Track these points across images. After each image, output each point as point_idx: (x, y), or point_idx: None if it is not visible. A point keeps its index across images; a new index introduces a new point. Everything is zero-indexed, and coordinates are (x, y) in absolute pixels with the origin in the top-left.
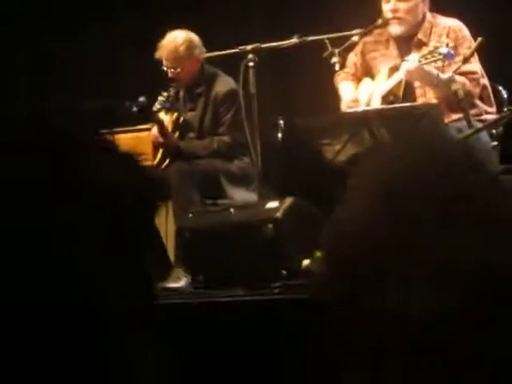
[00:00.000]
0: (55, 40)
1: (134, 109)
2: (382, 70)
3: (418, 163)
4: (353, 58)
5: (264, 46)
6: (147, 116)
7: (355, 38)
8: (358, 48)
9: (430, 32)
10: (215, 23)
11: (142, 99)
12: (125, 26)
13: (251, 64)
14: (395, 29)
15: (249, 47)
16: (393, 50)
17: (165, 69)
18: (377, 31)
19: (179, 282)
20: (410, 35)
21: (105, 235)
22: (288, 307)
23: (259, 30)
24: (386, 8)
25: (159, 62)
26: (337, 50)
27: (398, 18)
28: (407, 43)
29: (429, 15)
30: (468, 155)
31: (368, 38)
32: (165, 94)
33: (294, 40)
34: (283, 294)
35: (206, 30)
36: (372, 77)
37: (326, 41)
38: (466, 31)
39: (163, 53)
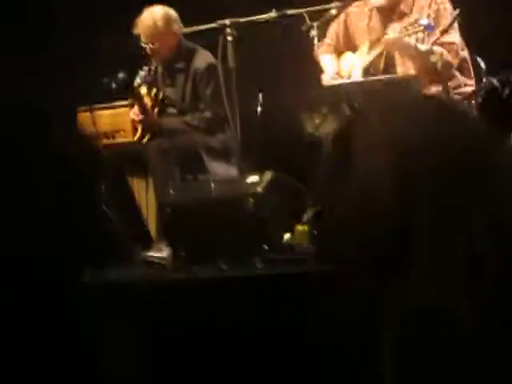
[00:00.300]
0: (35, 14)
1: (114, 85)
2: (364, 42)
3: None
4: (335, 27)
5: (242, 20)
6: (126, 92)
7: (333, 12)
8: (341, 18)
9: (413, 3)
10: None
11: (121, 75)
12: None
13: (230, 38)
14: (378, 0)
15: (227, 21)
16: (376, 21)
17: (143, 45)
18: (360, 2)
19: (161, 252)
20: (392, 7)
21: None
22: (270, 282)
23: (237, 3)
24: None
25: (137, 38)
26: (315, 24)
27: None
28: (390, 15)
29: None
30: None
31: (352, 9)
32: (146, 68)
33: (273, 14)
34: (265, 269)
35: (184, 4)
36: (354, 48)
37: (305, 14)
38: (447, 3)
39: (141, 28)
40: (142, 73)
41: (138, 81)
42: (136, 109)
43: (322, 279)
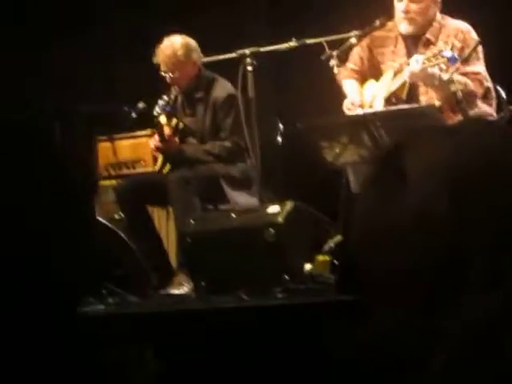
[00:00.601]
0: (53, 43)
1: (133, 114)
2: (388, 71)
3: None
4: (359, 51)
5: (262, 49)
6: (146, 122)
7: (353, 40)
8: (365, 42)
9: (439, 32)
10: (213, 27)
11: (140, 105)
12: (123, 30)
13: (249, 68)
14: (406, 28)
15: (247, 51)
16: (401, 48)
17: (163, 74)
18: (386, 27)
19: (182, 288)
20: (418, 34)
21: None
22: (290, 312)
23: (257, 33)
24: (399, 8)
25: (157, 67)
26: (335, 52)
27: (410, 19)
28: (415, 42)
29: (439, 16)
30: None
31: (377, 33)
32: (165, 97)
33: (292, 43)
34: (286, 299)
35: (204, 33)
36: (378, 73)
37: (324, 43)
38: (473, 34)
39: (161, 57)
40: (160, 102)
41: (157, 110)
42: (156, 138)
43: (343, 309)
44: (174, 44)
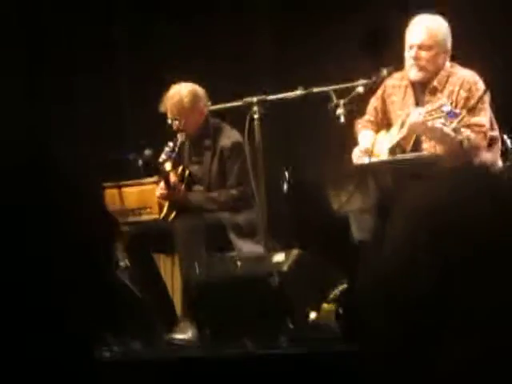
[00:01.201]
0: (63, 92)
1: (140, 162)
2: (398, 118)
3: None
4: (374, 102)
5: (269, 98)
6: (153, 169)
7: (360, 89)
8: (380, 92)
9: (446, 81)
10: (220, 75)
11: (147, 152)
12: (130, 77)
13: (256, 116)
14: (415, 75)
15: (254, 99)
16: (409, 96)
17: (169, 121)
18: (397, 75)
19: (186, 333)
20: (426, 82)
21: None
22: (294, 361)
23: (264, 81)
24: (409, 55)
25: (164, 115)
26: (342, 101)
27: (419, 66)
28: (423, 90)
29: (448, 64)
30: None
31: (390, 82)
32: (171, 144)
33: (299, 91)
34: (290, 348)
35: (211, 81)
36: (389, 123)
37: (331, 92)
38: (480, 84)
39: (168, 105)
40: (166, 149)
41: (162, 157)
42: (162, 185)
43: (349, 359)
44: (181, 91)
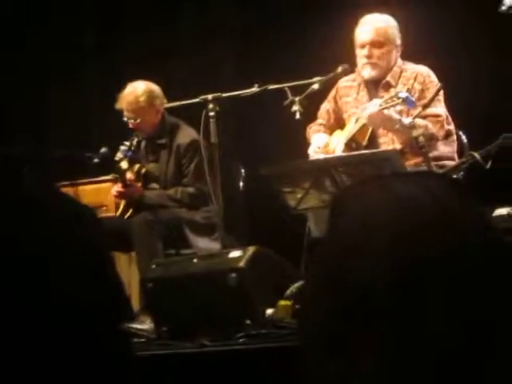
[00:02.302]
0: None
1: (96, 160)
2: (352, 117)
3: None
4: (326, 105)
5: (225, 94)
6: (109, 167)
7: (315, 86)
8: (332, 93)
9: (399, 76)
10: (177, 73)
11: (103, 150)
12: (92, 77)
13: (212, 113)
14: (368, 72)
15: (210, 96)
16: (363, 94)
17: (125, 119)
18: (349, 77)
19: (144, 324)
20: (379, 79)
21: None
22: (252, 357)
23: (221, 78)
24: (361, 53)
25: (120, 113)
26: (297, 98)
27: (372, 64)
28: (376, 87)
29: (400, 61)
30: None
31: (341, 84)
32: (127, 143)
33: (255, 89)
34: (247, 344)
35: (168, 79)
36: (342, 123)
37: (287, 89)
38: (433, 77)
39: (124, 104)
40: (122, 147)
41: (118, 155)
42: (118, 184)
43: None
44: (136, 90)
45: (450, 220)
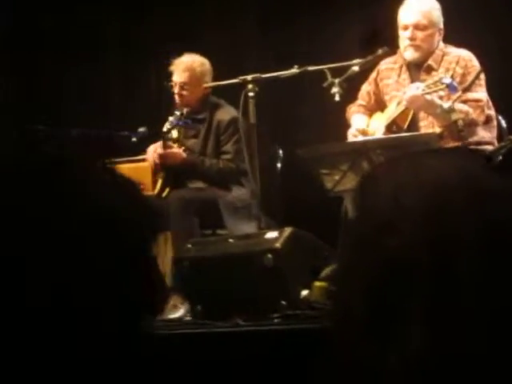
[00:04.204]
0: (54, 70)
1: (134, 139)
2: (393, 100)
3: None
4: (367, 87)
5: (264, 76)
6: (146, 146)
7: (355, 68)
8: (373, 76)
9: (441, 60)
10: (214, 53)
11: (141, 129)
12: (118, 60)
13: (251, 94)
14: (411, 54)
15: (249, 77)
16: (405, 77)
17: (173, 85)
18: (390, 59)
19: (177, 311)
20: (421, 62)
21: (100, 261)
22: (288, 337)
23: (260, 59)
24: (404, 35)
25: (169, 77)
26: (337, 80)
27: (415, 46)
28: (418, 70)
29: (442, 44)
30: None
31: (382, 67)
32: (177, 113)
33: (294, 70)
34: (283, 325)
35: (209, 59)
36: (383, 105)
37: (326, 71)
38: (475, 61)
39: (180, 67)
40: (172, 118)
41: (167, 126)
42: (160, 147)
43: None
44: (194, 59)
45: (480, 196)
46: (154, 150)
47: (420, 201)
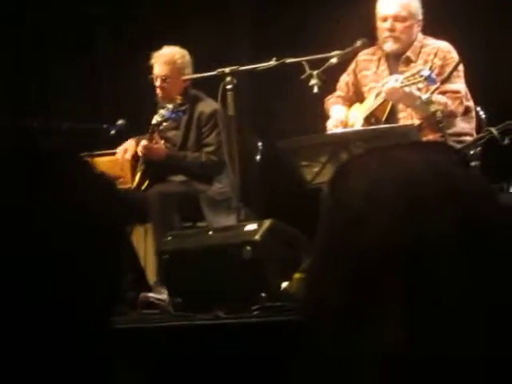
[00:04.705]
0: (35, 63)
1: (112, 131)
2: (371, 92)
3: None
4: (345, 78)
5: (242, 68)
6: (125, 139)
7: (333, 60)
8: (351, 67)
9: (420, 51)
10: (194, 45)
11: (120, 122)
12: (104, 52)
13: (230, 86)
14: (390, 46)
15: (227, 69)
16: (383, 69)
17: (154, 78)
18: (369, 50)
19: (161, 294)
20: (400, 53)
21: (77, 255)
22: (267, 329)
23: (238, 52)
24: (383, 26)
25: (149, 71)
26: (315, 72)
27: (394, 37)
28: (397, 62)
29: (420, 36)
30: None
31: (361, 57)
32: (169, 106)
33: (273, 62)
34: (262, 317)
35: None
36: (362, 97)
37: (305, 63)
38: (454, 53)
39: (160, 61)
40: (163, 111)
41: (157, 118)
42: (145, 140)
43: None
44: (174, 51)
45: (453, 192)
46: (128, 146)
47: (391, 196)
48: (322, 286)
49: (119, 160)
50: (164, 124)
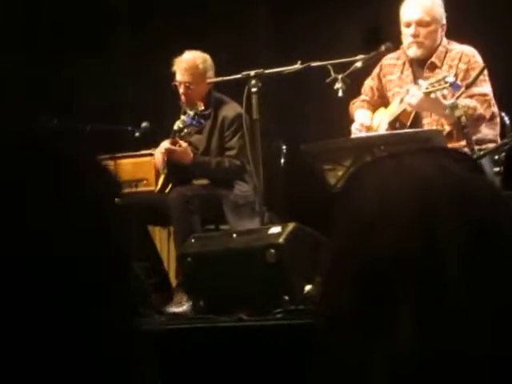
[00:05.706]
0: (58, 65)
1: (137, 134)
2: (395, 96)
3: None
4: (370, 82)
5: (267, 71)
6: (149, 141)
7: (358, 64)
8: (376, 71)
9: (444, 56)
10: (218, 48)
11: (144, 124)
12: (126, 54)
13: (254, 90)
14: (414, 51)
15: (252, 73)
16: (408, 74)
17: (177, 84)
18: (393, 54)
19: (181, 306)
20: (425, 58)
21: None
22: (289, 332)
23: (263, 55)
24: (407, 32)
25: (172, 77)
26: (340, 76)
27: (418, 43)
28: (421, 67)
29: (445, 40)
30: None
31: (386, 62)
32: (190, 112)
33: (298, 66)
34: (285, 320)
35: (211, 56)
36: (386, 101)
37: (329, 67)
38: (478, 57)
39: (182, 66)
40: (184, 117)
41: (179, 124)
42: (168, 142)
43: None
44: (195, 56)
45: (465, 199)
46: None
47: (404, 201)
48: (335, 288)
49: (143, 162)
50: (185, 130)
